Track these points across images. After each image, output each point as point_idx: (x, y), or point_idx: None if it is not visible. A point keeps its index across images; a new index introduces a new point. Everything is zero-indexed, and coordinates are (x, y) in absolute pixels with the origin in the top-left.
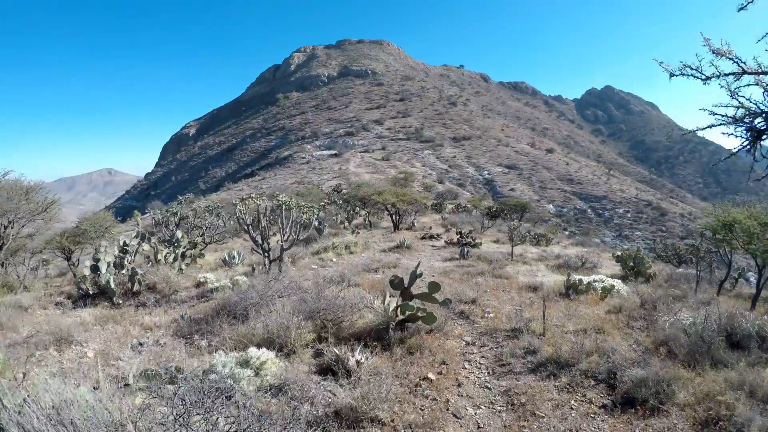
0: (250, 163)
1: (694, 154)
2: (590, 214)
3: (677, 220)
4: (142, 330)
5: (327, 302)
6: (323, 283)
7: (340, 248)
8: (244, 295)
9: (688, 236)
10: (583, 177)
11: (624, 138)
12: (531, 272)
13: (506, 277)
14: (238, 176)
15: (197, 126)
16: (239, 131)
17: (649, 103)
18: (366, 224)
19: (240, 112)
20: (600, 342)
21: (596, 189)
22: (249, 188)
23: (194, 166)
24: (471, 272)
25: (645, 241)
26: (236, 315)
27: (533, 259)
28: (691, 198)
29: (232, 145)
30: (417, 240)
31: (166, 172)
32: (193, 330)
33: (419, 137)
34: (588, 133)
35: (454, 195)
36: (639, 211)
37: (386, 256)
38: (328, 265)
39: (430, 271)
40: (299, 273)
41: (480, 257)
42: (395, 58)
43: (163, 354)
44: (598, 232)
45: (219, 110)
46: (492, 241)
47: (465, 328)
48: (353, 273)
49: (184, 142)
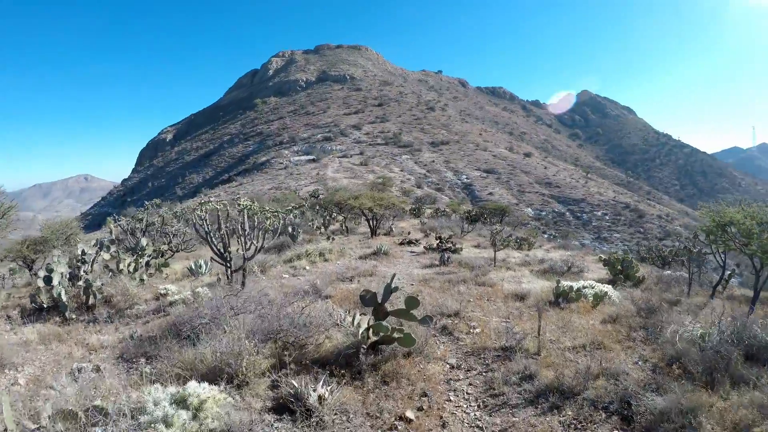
0: (227, 168)
1: (670, 156)
2: (569, 217)
3: (655, 221)
4: (86, 351)
5: (289, 320)
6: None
7: (314, 255)
8: (196, 312)
9: (665, 237)
10: (561, 180)
11: (601, 142)
12: (516, 279)
13: (490, 284)
14: (216, 182)
15: (174, 131)
16: (217, 136)
17: (626, 107)
18: (343, 230)
19: (218, 117)
20: (604, 361)
21: (574, 192)
22: (226, 194)
23: (171, 171)
24: (453, 280)
25: (624, 243)
26: (188, 335)
27: (517, 264)
28: (667, 200)
29: (210, 150)
30: (395, 246)
31: (142, 178)
32: (139, 352)
33: (397, 142)
34: (565, 138)
35: (433, 199)
36: (617, 214)
37: (362, 264)
38: (301, 274)
39: (409, 279)
40: (269, 283)
41: (461, 263)
42: (374, 64)
43: (99, 383)
44: (576, 234)
45: (196, 115)
46: (473, 246)
47: (448, 347)
48: (326, 283)
49: (161, 148)
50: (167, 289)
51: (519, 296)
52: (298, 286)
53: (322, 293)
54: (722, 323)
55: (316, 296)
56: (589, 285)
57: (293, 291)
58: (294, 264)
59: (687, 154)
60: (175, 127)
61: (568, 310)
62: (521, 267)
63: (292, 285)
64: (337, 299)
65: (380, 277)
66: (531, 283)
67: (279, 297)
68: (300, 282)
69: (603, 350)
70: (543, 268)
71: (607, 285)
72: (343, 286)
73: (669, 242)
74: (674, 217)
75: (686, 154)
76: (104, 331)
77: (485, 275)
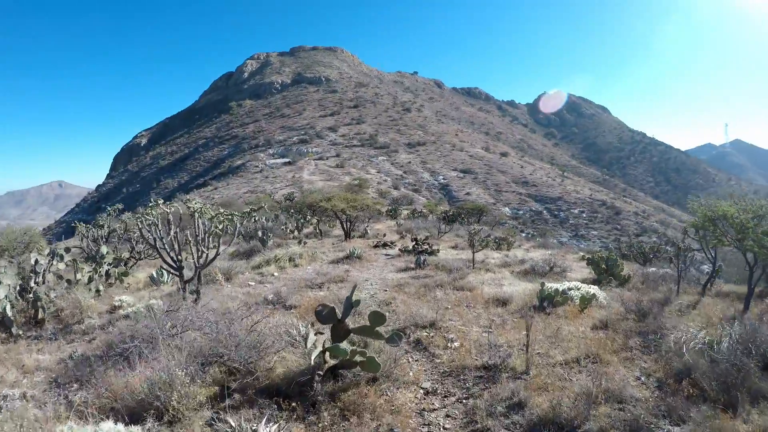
0: (202, 173)
1: (645, 154)
2: (546, 215)
3: (631, 218)
4: (21, 374)
5: (235, 341)
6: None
7: (283, 261)
8: (133, 330)
9: (642, 233)
10: (538, 179)
11: (576, 141)
12: (496, 281)
13: (469, 288)
14: (191, 186)
15: (149, 135)
16: (192, 140)
17: (600, 106)
18: (317, 233)
19: (193, 121)
20: (603, 379)
21: (551, 191)
22: (201, 198)
23: (146, 177)
24: (429, 284)
25: (601, 240)
26: (127, 357)
27: (496, 265)
28: (643, 196)
29: (185, 154)
30: (369, 249)
31: (117, 183)
32: (73, 377)
33: (374, 143)
34: (541, 137)
35: (410, 200)
36: (594, 211)
37: (334, 269)
38: (268, 281)
39: (382, 284)
40: (233, 291)
41: (438, 266)
42: (349, 65)
43: (22, 416)
44: (554, 232)
45: (171, 119)
46: (450, 247)
47: (422, 366)
48: (293, 290)
49: (136, 153)
50: (122, 300)
51: (501, 301)
52: (263, 295)
53: (286, 303)
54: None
55: (279, 306)
56: (575, 286)
57: (256, 301)
58: (262, 270)
59: (661, 151)
60: (150, 131)
61: (555, 316)
62: (501, 268)
63: (257, 293)
64: (302, 310)
65: (352, 283)
66: (512, 286)
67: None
68: (267, 290)
69: (599, 364)
70: (524, 269)
71: (593, 285)
72: (311, 294)
73: (646, 238)
74: (650, 214)
75: (660, 152)
76: (46, 349)
77: (464, 278)
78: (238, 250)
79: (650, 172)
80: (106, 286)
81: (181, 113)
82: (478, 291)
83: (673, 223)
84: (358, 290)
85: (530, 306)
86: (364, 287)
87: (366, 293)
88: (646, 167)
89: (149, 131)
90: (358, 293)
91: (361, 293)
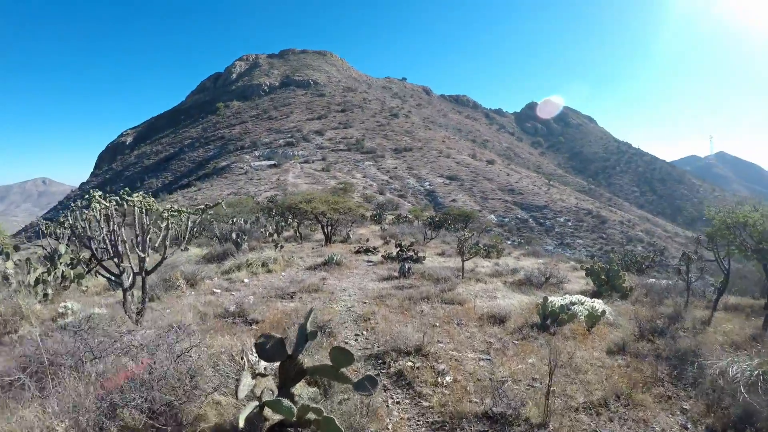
0: (187, 173)
1: (630, 164)
2: (532, 223)
3: (617, 227)
4: None
5: (162, 371)
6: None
7: (255, 266)
8: (33, 355)
9: (628, 242)
10: (524, 187)
11: (563, 150)
12: (489, 293)
13: (460, 301)
14: (175, 187)
15: (134, 134)
16: (177, 140)
17: (587, 117)
18: (296, 237)
19: (179, 121)
20: None
21: (537, 199)
22: (184, 199)
23: (130, 176)
24: (414, 296)
25: (587, 248)
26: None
27: (487, 274)
28: (628, 206)
29: (170, 154)
30: (350, 254)
31: (100, 182)
32: None
33: (360, 148)
34: (528, 146)
35: (395, 206)
36: (579, 220)
37: (310, 276)
38: (236, 287)
39: (362, 295)
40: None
41: (424, 275)
42: (338, 69)
43: None
44: (540, 240)
45: (157, 118)
46: (437, 254)
47: (405, 415)
48: (260, 301)
49: (121, 151)
50: (67, 307)
51: (497, 318)
52: (225, 305)
53: (248, 316)
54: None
55: (240, 321)
56: (578, 300)
57: (216, 312)
58: (231, 276)
59: (646, 162)
60: (136, 130)
61: (561, 336)
62: (493, 278)
63: (220, 303)
64: (266, 325)
65: (328, 293)
66: (507, 299)
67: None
68: (232, 299)
69: (632, 407)
70: (518, 279)
71: (595, 299)
72: (280, 305)
73: (631, 247)
74: (635, 223)
75: (646, 162)
76: None
77: (453, 290)
78: (211, 253)
79: (635, 182)
80: (61, 289)
81: (168, 113)
82: (470, 305)
83: (657, 233)
84: (334, 302)
85: (531, 324)
86: (341, 298)
87: (342, 306)
88: (632, 177)
89: (135, 130)
90: (333, 306)
91: (336, 305)
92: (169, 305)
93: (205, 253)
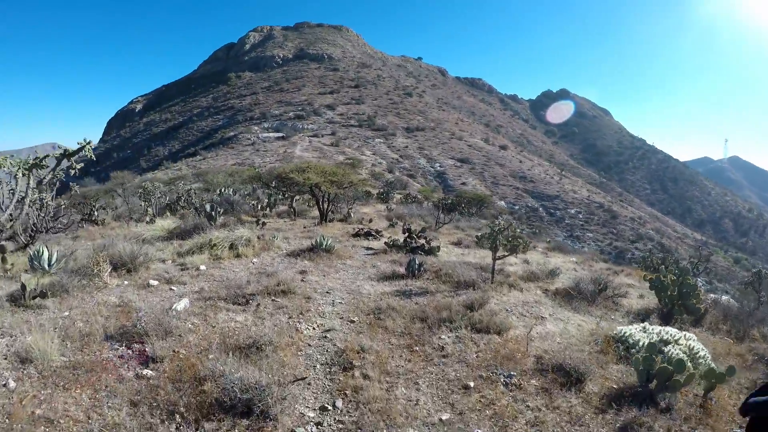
0: (194, 142)
1: (644, 161)
2: (542, 212)
3: (627, 223)
4: None
5: None
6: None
7: (221, 247)
8: None
9: (638, 240)
10: (536, 175)
11: (576, 141)
12: (530, 309)
13: (497, 328)
14: (180, 155)
15: (144, 102)
16: (186, 109)
17: (603, 109)
18: (291, 212)
19: (189, 90)
20: None
21: (549, 188)
22: (188, 168)
23: (137, 143)
24: (428, 315)
25: (596, 242)
26: None
27: (521, 277)
28: (638, 203)
29: (178, 123)
30: (347, 237)
31: (108, 148)
32: None
33: (371, 125)
34: (541, 134)
35: (404, 185)
36: (590, 213)
37: (287, 266)
38: (184, 278)
39: (350, 306)
40: (111, 297)
41: (440, 274)
42: (353, 45)
43: None
44: (549, 231)
45: (168, 87)
46: (452, 243)
47: None
48: (197, 307)
49: (130, 118)
50: None
51: (564, 371)
52: (134, 318)
53: (148, 347)
54: None
55: (131, 357)
56: (670, 337)
57: (107, 332)
58: (186, 260)
59: (660, 159)
60: (146, 97)
61: (678, 417)
62: (528, 284)
63: (133, 308)
64: (170, 370)
65: (302, 297)
66: (559, 321)
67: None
68: (167, 296)
69: None
70: (561, 288)
71: (669, 328)
72: (222, 319)
73: (641, 245)
74: (646, 221)
75: (659, 160)
76: None
77: (485, 304)
78: (180, 227)
79: (647, 179)
80: None
81: (179, 81)
82: (515, 335)
83: (668, 233)
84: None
85: (625, 389)
86: (319, 310)
87: (317, 326)
88: (644, 174)
89: (145, 97)
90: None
91: (307, 325)
92: (66, 307)
93: (174, 226)
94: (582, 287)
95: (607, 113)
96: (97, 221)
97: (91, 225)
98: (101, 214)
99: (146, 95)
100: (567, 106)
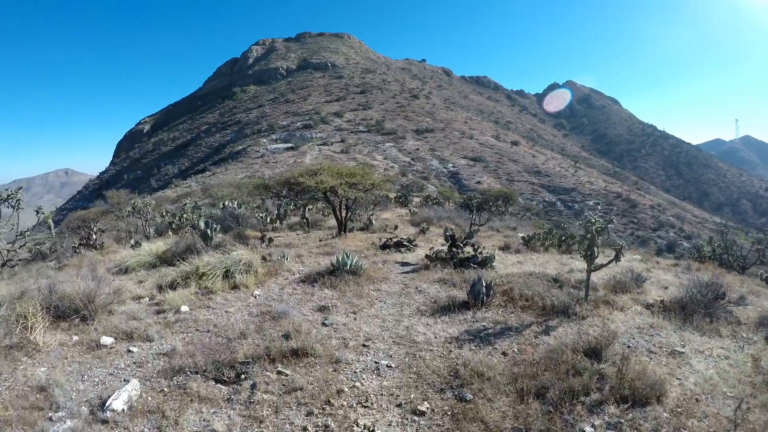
0: (203, 158)
1: (656, 147)
2: (560, 206)
3: (648, 211)
4: None
5: None
6: None
7: (212, 276)
8: None
9: (659, 228)
10: (551, 169)
11: (586, 132)
12: (649, 336)
13: (653, 391)
14: (190, 173)
15: (152, 122)
16: (194, 126)
17: (611, 98)
18: (304, 223)
19: (196, 107)
20: None
21: (564, 181)
22: (196, 184)
23: (147, 163)
24: (540, 379)
25: (617, 233)
26: None
27: (605, 287)
28: (654, 190)
29: (186, 140)
30: (374, 250)
31: (118, 170)
32: None
33: (380, 129)
34: (551, 127)
35: (421, 187)
36: (609, 203)
37: (301, 300)
38: (148, 332)
39: (407, 374)
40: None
41: (512, 296)
42: (356, 51)
43: None
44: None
45: (175, 105)
46: (498, 248)
47: None
48: (153, 393)
49: (138, 139)
50: None
51: None
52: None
53: None
54: None
55: None
56: None
57: None
58: (167, 297)
59: (672, 144)
60: (153, 117)
61: None
62: (621, 296)
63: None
64: None
65: (326, 361)
66: (698, 354)
67: None
68: (115, 370)
69: None
70: (667, 299)
71: None
72: (188, 422)
73: (663, 233)
74: (665, 207)
75: (671, 145)
76: None
77: (607, 345)
78: (172, 249)
79: (661, 165)
80: None
81: (185, 99)
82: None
83: (688, 218)
84: (341, 408)
85: None
86: (359, 387)
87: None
88: (657, 160)
89: (152, 117)
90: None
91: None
92: None
93: (164, 249)
94: (695, 297)
95: (616, 102)
96: (96, 245)
97: (90, 250)
98: (100, 237)
99: (153, 115)
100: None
